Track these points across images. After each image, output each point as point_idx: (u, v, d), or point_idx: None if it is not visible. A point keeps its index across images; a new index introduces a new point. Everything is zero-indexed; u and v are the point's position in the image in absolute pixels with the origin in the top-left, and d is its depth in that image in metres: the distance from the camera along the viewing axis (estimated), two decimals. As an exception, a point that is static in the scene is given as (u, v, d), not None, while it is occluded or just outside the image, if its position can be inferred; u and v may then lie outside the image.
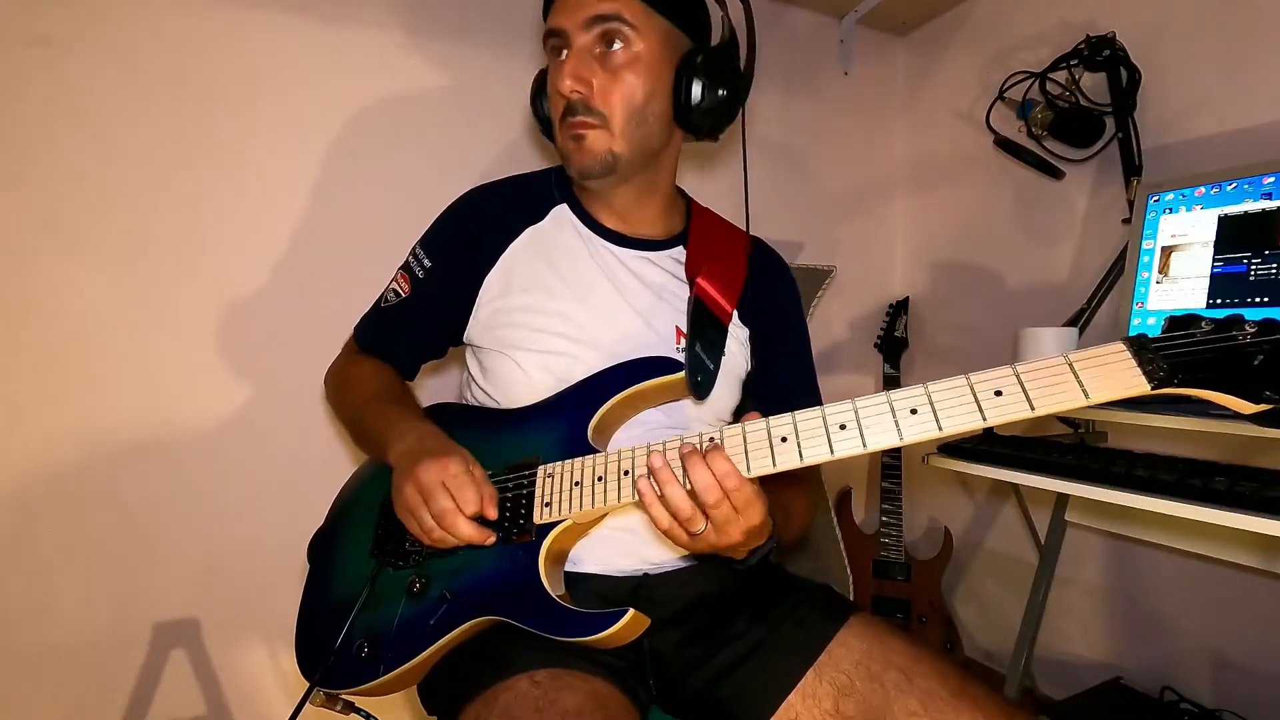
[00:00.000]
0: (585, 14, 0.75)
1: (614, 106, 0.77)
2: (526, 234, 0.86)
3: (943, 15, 1.79)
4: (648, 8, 0.76)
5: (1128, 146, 1.32)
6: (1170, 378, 0.52)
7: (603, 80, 0.76)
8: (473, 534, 0.68)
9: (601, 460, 0.71)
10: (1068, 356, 0.55)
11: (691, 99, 0.79)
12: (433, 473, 0.69)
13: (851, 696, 0.70)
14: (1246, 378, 0.51)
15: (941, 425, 0.56)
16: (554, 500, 0.71)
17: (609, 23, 0.75)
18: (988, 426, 0.56)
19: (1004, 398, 0.55)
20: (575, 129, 0.78)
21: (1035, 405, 0.54)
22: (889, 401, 0.59)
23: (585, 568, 0.80)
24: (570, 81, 0.76)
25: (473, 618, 0.71)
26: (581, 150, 0.79)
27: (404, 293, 0.89)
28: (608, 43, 0.76)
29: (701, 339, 0.80)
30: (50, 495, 1.09)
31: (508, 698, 0.65)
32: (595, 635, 0.66)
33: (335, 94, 1.27)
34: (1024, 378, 0.55)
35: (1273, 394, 0.51)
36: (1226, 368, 0.52)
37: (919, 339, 1.85)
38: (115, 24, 1.11)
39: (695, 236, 0.90)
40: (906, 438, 0.57)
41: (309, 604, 0.82)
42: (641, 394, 0.78)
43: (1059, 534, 1.36)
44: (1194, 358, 0.53)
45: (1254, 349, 0.52)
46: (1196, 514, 0.80)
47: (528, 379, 0.82)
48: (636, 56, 0.77)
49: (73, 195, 1.10)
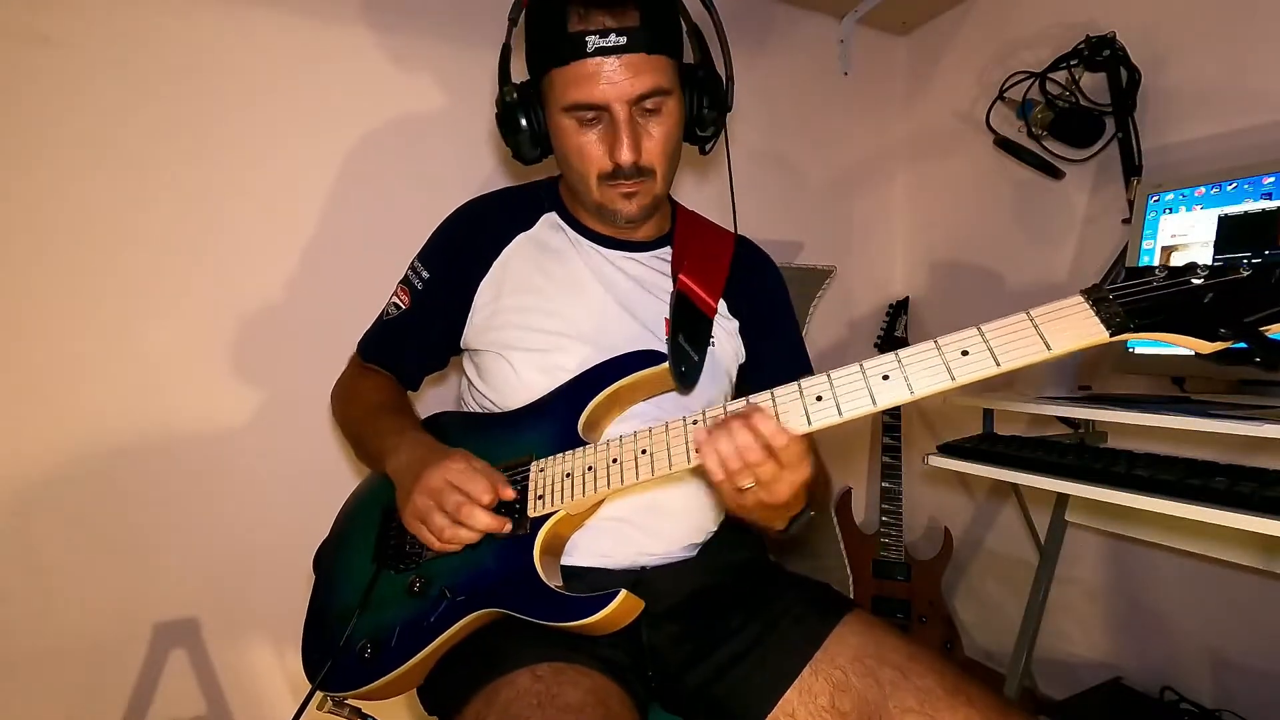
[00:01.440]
0: (633, 94, 0.76)
1: (661, 162, 0.82)
2: (517, 240, 0.90)
3: (943, 15, 1.79)
4: (668, 60, 0.79)
5: (1128, 146, 1.32)
6: (1126, 323, 0.54)
7: (649, 143, 0.80)
8: (490, 521, 0.71)
9: (591, 451, 0.73)
10: (1029, 312, 0.57)
11: (701, 118, 0.85)
12: (436, 476, 0.71)
13: (847, 693, 0.70)
14: (1201, 318, 0.53)
15: (913, 389, 0.59)
16: (547, 493, 0.74)
17: (654, 97, 0.77)
18: (957, 386, 0.58)
19: (970, 357, 0.58)
20: (628, 189, 0.82)
21: (1001, 361, 0.56)
22: (862, 370, 0.62)
23: (582, 562, 0.81)
24: (633, 155, 0.78)
25: (471, 611, 0.72)
26: (632, 204, 0.83)
27: (404, 305, 0.92)
28: (653, 110, 0.79)
29: (685, 330, 0.83)
30: (51, 496, 1.09)
31: (509, 693, 0.66)
32: (590, 618, 0.67)
33: (338, 94, 1.27)
34: (989, 336, 0.58)
35: (1227, 331, 0.52)
36: (1182, 310, 0.54)
37: (919, 339, 1.85)
38: (116, 24, 1.11)
39: (680, 237, 0.93)
40: (880, 403, 0.60)
41: (315, 611, 0.83)
42: (628, 388, 0.80)
43: (1059, 534, 1.36)
44: (1150, 303, 0.54)
45: (1204, 290, 0.53)
46: (1196, 514, 0.80)
47: (519, 377, 0.84)
48: (671, 110, 0.80)
49: (73, 196, 1.10)
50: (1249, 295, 0.52)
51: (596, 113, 0.78)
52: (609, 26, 0.74)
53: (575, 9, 0.74)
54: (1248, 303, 0.52)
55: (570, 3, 0.74)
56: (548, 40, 0.77)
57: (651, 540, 0.83)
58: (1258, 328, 0.52)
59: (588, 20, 0.74)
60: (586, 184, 0.83)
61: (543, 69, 0.80)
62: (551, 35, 0.76)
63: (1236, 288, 0.53)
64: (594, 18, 0.74)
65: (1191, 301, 0.53)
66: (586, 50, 0.74)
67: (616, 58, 0.74)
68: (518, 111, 0.84)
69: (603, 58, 0.74)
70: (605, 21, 0.74)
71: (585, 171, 0.82)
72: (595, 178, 0.81)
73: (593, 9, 0.74)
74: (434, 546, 0.73)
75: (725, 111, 0.87)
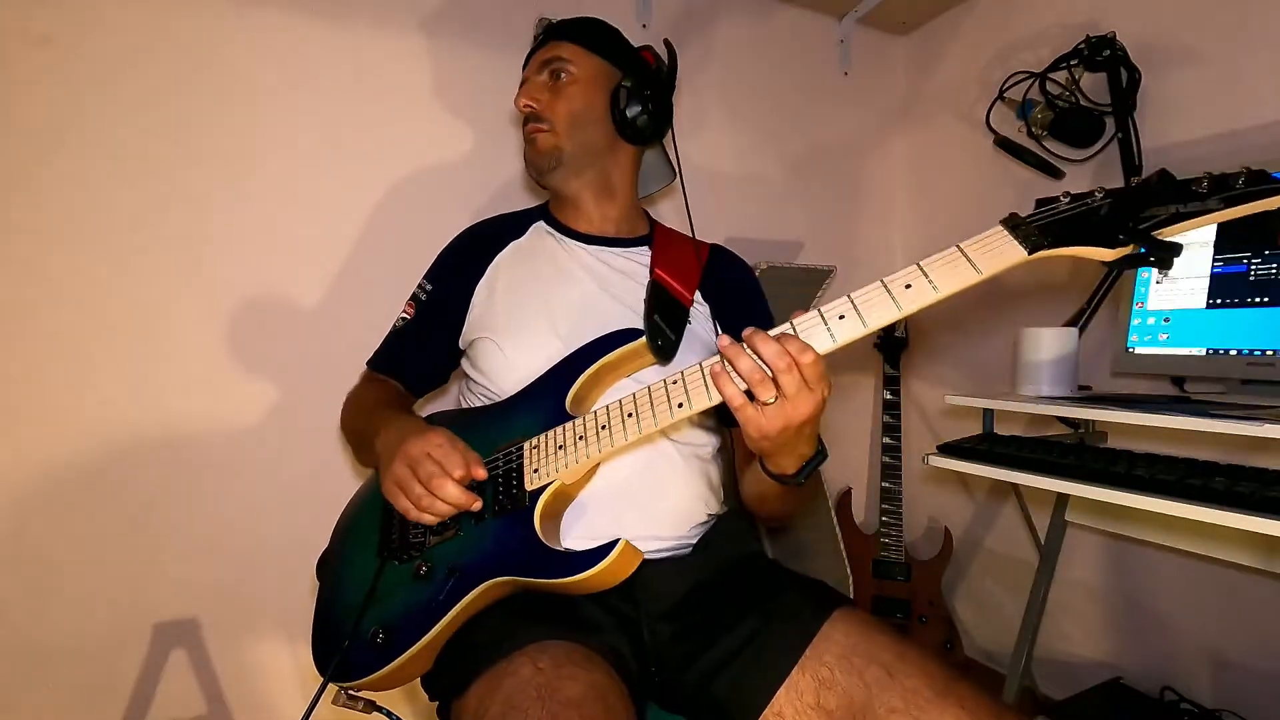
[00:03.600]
0: (538, 60, 0.99)
1: (557, 113, 0.96)
2: (509, 248, 1.01)
3: (943, 15, 1.79)
4: (582, 48, 0.98)
5: (1128, 146, 1.32)
6: (1040, 242, 0.62)
7: (549, 98, 0.97)
8: (459, 495, 0.74)
9: (580, 423, 0.78)
10: (960, 244, 0.65)
11: (625, 113, 0.98)
12: (417, 446, 0.76)
13: (833, 690, 0.70)
14: (1101, 229, 0.60)
15: (866, 322, 0.66)
16: (541, 466, 0.78)
17: (553, 64, 0.97)
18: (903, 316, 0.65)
19: (913, 289, 0.64)
20: (530, 133, 0.98)
21: (938, 287, 0.64)
22: (820, 314, 0.67)
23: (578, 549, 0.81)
24: (525, 100, 0.97)
25: (481, 582, 0.75)
26: (534, 148, 0.98)
27: (409, 317, 1.02)
28: (554, 76, 0.98)
29: (660, 310, 0.90)
30: (51, 496, 1.09)
31: (511, 683, 0.66)
32: (593, 568, 0.70)
33: (341, 94, 1.27)
34: (926, 268, 0.65)
35: (1125, 237, 0.59)
36: (1085, 226, 0.61)
37: (919, 339, 1.85)
38: (116, 24, 1.11)
39: (659, 241, 1.02)
40: (839, 340, 0.66)
41: (322, 611, 0.85)
42: (609, 365, 0.84)
43: (1059, 534, 1.36)
44: (1058, 224, 0.62)
45: (1101, 205, 0.61)
46: (1196, 514, 0.80)
47: (507, 358, 0.90)
48: (574, 79, 0.97)
49: (74, 196, 1.10)
50: (1140, 203, 0.60)
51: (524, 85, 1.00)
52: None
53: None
54: (1139, 209, 0.60)
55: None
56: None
57: (647, 524, 0.85)
58: (1150, 232, 0.59)
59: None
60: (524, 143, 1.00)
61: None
62: None
63: (1128, 196, 0.60)
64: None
65: (1091, 215, 0.61)
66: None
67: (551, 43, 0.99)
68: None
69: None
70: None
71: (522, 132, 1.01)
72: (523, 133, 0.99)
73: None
74: (410, 515, 0.76)
75: (658, 115, 0.99)
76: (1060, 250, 0.62)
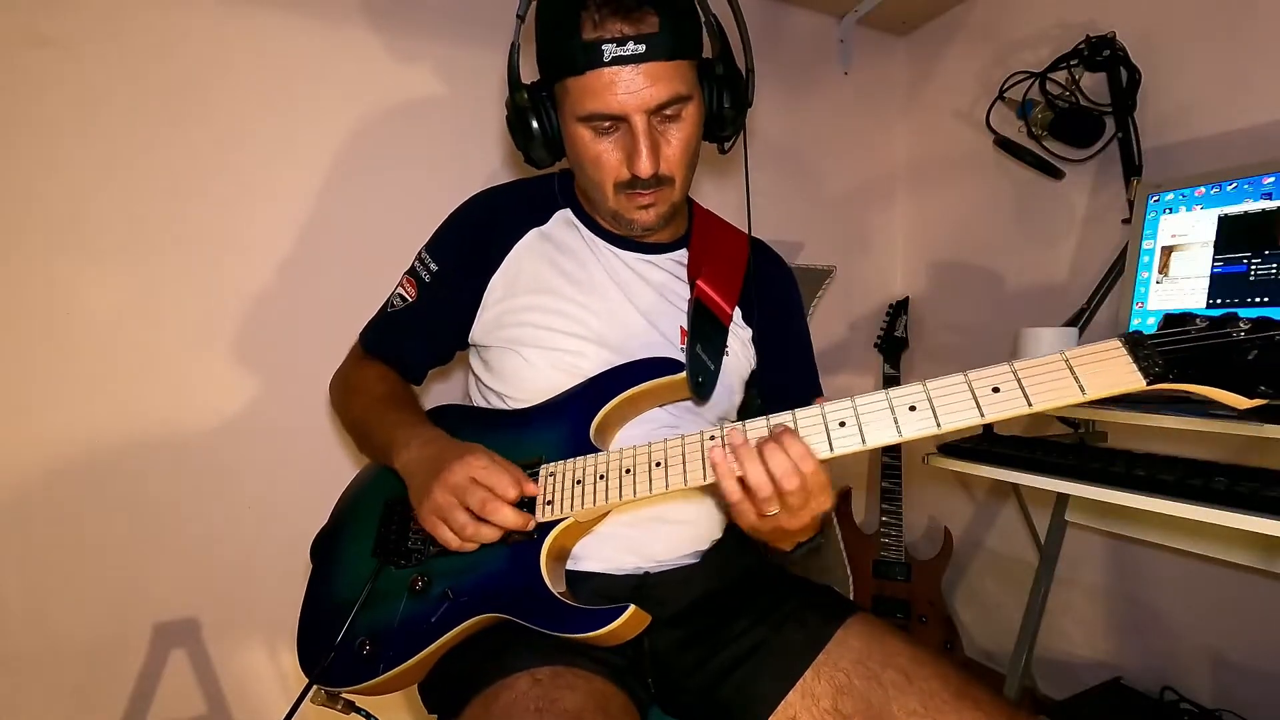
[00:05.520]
0: (653, 103, 0.73)
1: (680, 169, 0.79)
2: (530, 236, 0.88)
3: (943, 15, 1.79)
4: (687, 63, 0.75)
5: (1128, 146, 1.32)
6: (1165, 373, 0.53)
7: (668, 151, 0.77)
8: (515, 518, 0.69)
9: (604, 459, 0.71)
10: (1064, 354, 0.56)
11: (721, 118, 0.81)
12: (458, 472, 0.69)
13: (850, 695, 0.70)
14: (1240, 373, 0.52)
15: (940, 422, 0.58)
16: (556, 499, 0.72)
17: (674, 105, 0.74)
18: (986, 423, 0.57)
19: (1001, 394, 0.57)
20: (645, 200, 0.79)
21: (1033, 402, 0.55)
22: (888, 399, 0.59)
23: (586, 566, 0.80)
24: (652, 166, 0.75)
25: (474, 615, 0.71)
26: (650, 213, 0.81)
27: (410, 297, 0.89)
28: (672, 117, 0.76)
29: (702, 340, 0.81)
30: (51, 495, 1.09)
31: (508, 697, 0.65)
32: (596, 631, 0.66)
33: (342, 94, 1.27)
34: (1021, 375, 0.57)
35: (1266, 389, 0.51)
36: (1221, 364, 0.53)
37: (919, 339, 1.85)
38: (117, 25, 1.11)
39: (697, 240, 0.91)
40: (905, 434, 0.58)
41: (311, 604, 0.82)
42: (643, 394, 0.79)
43: (1059, 534, 1.36)
44: (1189, 354, 0.54)
45: (1248, 345, 0.52)
46: (1196, 514, 0.80)
47: (535, 372, 0.83)
48: (690, 115, 0.77)
49: (76, 196, 1.10)
50: None
51: (614, 122, 0.74)
52: (627, 34, 0.70)
53: (590, 15, 0.70)
54: None
55: (584, 8, 0.70)
56: (561, 47, 0.73)
57: (656, 548, 0.82)
58: None
59: (603, 28, 0.70)
60: (602, 192, 0.80)
61: (556, 76, 0.76)
62: (565, 41, 0.72)
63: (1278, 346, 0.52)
64: (610, 25, 0.70)
65: (1234, 357, 0.53)
66: (603, 59, 0.70)
67: (635, 67, 0.70)
68: (529, 116, 0.80)
69: (620, 67, 0.70)
70: (623, 29, 0.70)
71: (601, 180, 0.79)
72: (612, 186, 0.79)
73: (609, 16, 0.70)
74: (452, 545, 0.70)
75: (745, 109, 0.83)
76: (1185, 386, 0.54)
